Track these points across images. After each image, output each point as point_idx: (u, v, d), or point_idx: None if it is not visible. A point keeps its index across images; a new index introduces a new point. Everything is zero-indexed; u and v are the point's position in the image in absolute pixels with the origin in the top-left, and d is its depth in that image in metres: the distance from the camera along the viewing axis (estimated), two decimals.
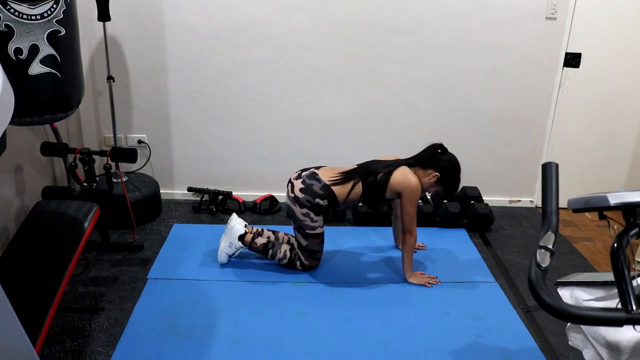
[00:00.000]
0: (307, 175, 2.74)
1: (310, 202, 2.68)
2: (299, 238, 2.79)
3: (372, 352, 2.29)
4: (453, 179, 2.75)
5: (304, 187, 2.69)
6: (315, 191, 2.68)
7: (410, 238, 2.73)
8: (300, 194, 2.68)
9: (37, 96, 2.42)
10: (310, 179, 2.71)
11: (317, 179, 2.70)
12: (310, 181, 2.70)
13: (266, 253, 2.87)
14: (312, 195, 2.67)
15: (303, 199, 2.68)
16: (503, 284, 2.86)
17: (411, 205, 2.68)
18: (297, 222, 2.74)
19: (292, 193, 2.72)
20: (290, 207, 2.74)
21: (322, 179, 2.70)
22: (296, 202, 2.69)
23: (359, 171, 2.75)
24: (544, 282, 1.21)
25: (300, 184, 2.71)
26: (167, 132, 3.61)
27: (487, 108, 3.63)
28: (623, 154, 3.80)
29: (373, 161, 2.81)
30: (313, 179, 2.71)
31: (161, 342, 2.28)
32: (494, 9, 3.39)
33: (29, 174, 3.01)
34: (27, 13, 2.27)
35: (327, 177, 2.71)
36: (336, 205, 2.74)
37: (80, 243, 2.37)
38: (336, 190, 2.69)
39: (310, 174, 2.73)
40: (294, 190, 2.71)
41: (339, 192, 2.69)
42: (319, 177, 2.71)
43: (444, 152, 2.74)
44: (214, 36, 3.38)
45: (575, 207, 1.41)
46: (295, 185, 2.72)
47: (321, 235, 2.78)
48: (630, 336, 1.42)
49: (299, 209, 2.69)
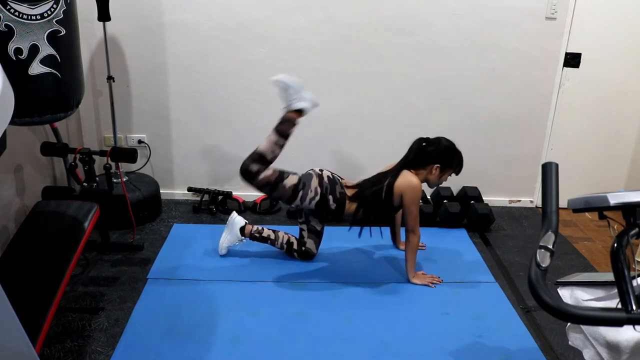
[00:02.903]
0: (336, 175, 2.85)
1: (326, 190, 2.73)
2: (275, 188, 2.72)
3: (372, 352, 2.29)
4: (454, 158, 2.77)
5: (332, 179, 2.78)
6: (335, 189, 2.75)
7: (414, 238, 2.74)
8: (325, 180, 2.76)
9: (37, 96, 2.42)
10: (337, 180, 2.81)
11: (340, 184, 2.80)
12: (335, 180, 2.80)
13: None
14: (331, 189, 2.74)
15: (325, 183, 2.74)
16: (503, 284, 2.86)
17: (414, 206, 2.70)
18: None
19: (319, 171, 2.80)
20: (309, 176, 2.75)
21: (343, 186, 2.80)
22: (319, 178, 2.75)
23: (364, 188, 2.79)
24: (544, 282, 1.21)
25: (330, 174, 2.82)
26: (167, 132, 3.61)
27: (487, 108, 3.63)
28: (623, 154, 3.80)
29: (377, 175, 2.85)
30: (338, 182, 2.81)
31: (161, 342, 2.28)
32: (494, 9, 3.39)
33: (29, 174, 3.01)
34: (27, 13, 2.27)
35: (346, 188, 2.81)
36: (342, 214, 2.79)
37: (80, 243, 2.37)
38: (347, 204, 2.78)
39: (338, 178, 2.84)
40: (323, 171, 2.80)
41: (348, 206, 2.78)
42: (342, 184, 2.81)
43: (429, 143, 2.76)
44: (214, 36, 3.38)
45: (575, 207, 1.41)
46: (325, 172, 2.81)
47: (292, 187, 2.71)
48: (630, 336, 1.42)
49: (315, 179, 2.73)
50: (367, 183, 2.80)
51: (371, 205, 2.74)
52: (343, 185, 2.80)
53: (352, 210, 2.77)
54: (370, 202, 2.74)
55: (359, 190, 2.78)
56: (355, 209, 2.76)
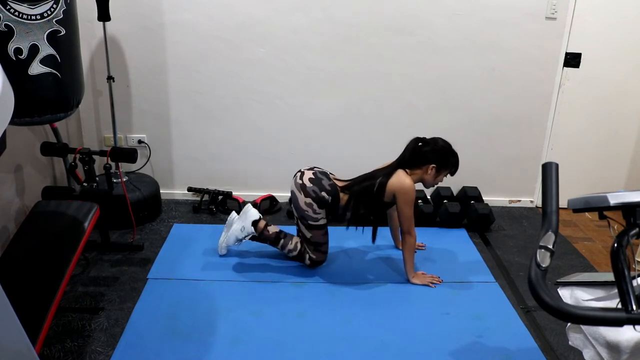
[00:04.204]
0: (319, 171, 2.82)
1: (316, 194, 2.72)
2: (303, 230, 2.81)
3: (372, 352, 2.29)
4: (450, 158, 2.76)
5: (314, 179, 2.75)
6: (323, 185, 2.74)
7: (410, 239, 2.74)
8: (308, 183, 2.74)
9: (37, 96, 2.42)
10: (321, 174, 2.79)
11: (328, 177, 2.79)
12: (321, 176, 2.78)
13: (277, 242, 2.89)
14: (319, 188, 2.73)
15: (310, 188, 2.72)
16: (503, 284, 2.86)
17: (407, 207, 2.69)
18: (299, 211, 2.76)
19: (300, 180, 2.76)
20: (295, 194, 2.76)
21: (332, 179, 2.79)
22: (302, 189, 2.73)
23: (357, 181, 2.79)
24: (544, 282, 1.21)
25: (311, 174, 2.78)
26: (167, 132, 3.61)
27: (487, 108, 3.63)
28: (623, 154, 3.80)
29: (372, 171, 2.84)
30: (324, 175, 2.79)
31: (161, 342, 2.28)
32: (494, 9, 3.39)
33: (29, 174, 3.01)
34: (27, 13, 2.27)
35: (336, 181, 2.80)
36: (337, 207, 2.77)
37: (80, 243, 2.37)
38: (341, 195, 2.77)
39: (322, 171, 2.82)
40: (303, 178, 2.76)
41: (342, 197, 2.77)
42: (330, 177, 2.80)
43: (425, 143, 2.76)
44: (214, 36, 3.38)
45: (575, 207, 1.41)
46: (305, 175, 2.77)
47: (324, 227, 2.81)
48: (630, 336, 1.42)
49: (303, 198, 2.72)
50: (360, 178, 2.80)
51: (361, 198, 2.74)
52: (332, 178, 2.79)
53: (345, 201, 2.77)
54: (361, 194, 2.73)
55: (351, 182, 2.78)
56: (346, 200, 2.76)
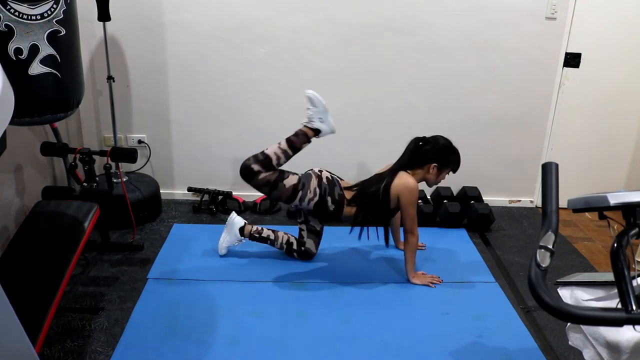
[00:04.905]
0: (335, 177, 2.84)
1: (324, 191, 2.74)
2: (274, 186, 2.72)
3: (372, 352, 2.29)
4: (451, 156, 2.76)
5: (330, 180, 2.78)
6: (334, 192, 2.75)
7: (412, 238, 2.74)
8: (324, 181, 2.76)
9: (37, 96, 2.42)
10: (335, 181, 2.81)
11: (339, 186, 2.80)
12: (334, 182, 2.80)
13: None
14: (330, 191, 2.75)
15: (324, 184, 2.75)
16: (503, 284, 2.86)
17: (411, 207, 2.69)
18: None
19: (318, 172, 2.80)
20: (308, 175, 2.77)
21: (342, 188, 2.80)
22: (318, 179, 2.75)
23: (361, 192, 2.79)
24: (544, 282, 1.21)
25: (329, 175, 2.82)
26: (167, 132, 3.61)
27: (487, 108, 3.63)
28: (623, 154, 3.80)
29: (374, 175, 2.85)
30: (337, 183, 2.81)
31: (161, 342, 2.28)
32: (494, 9, 3.39)
33: (29, 174, 3.01)
34: (27, 13, 2.27)
35: (345, 191, 2.80)
36: (339, 215, 2.80)
37: (80, 243, 2.37)
38: (345, 206, 2.78)
39: (336, 178, 2.84)
40: (322, 173, 2.80)
41: (346, 210, 2.79)
42: (341, 185, 2.81)
43: (426, 142, 2.76)
44: (214, 36, 3.38)
45: (575, 207, 1.41)
46: (324, 173, 2.81)
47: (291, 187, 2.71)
48: (630, 336, 1.42)
49: (315, 183, 2.73)
50: (364, 185, 2.79)
51: (369, 207, 2.75)
52: (342, 187, 2.80)
53: (351, 212, 2.77)
54: (369, 204, 2.74)
55: (357, 193, 2.78)
56: (355, 212, 2.76)
